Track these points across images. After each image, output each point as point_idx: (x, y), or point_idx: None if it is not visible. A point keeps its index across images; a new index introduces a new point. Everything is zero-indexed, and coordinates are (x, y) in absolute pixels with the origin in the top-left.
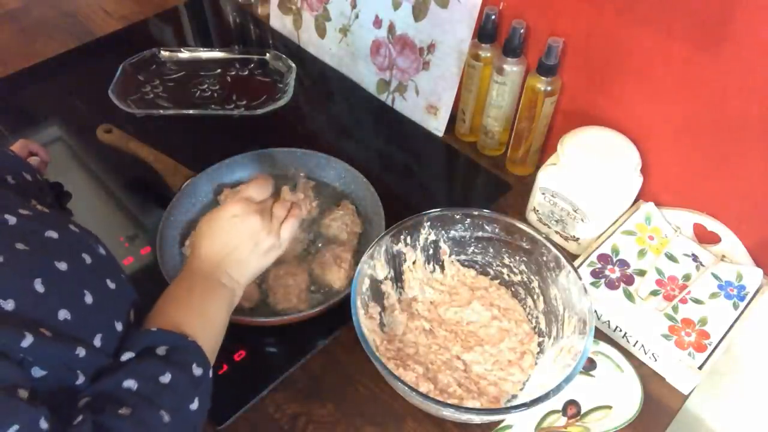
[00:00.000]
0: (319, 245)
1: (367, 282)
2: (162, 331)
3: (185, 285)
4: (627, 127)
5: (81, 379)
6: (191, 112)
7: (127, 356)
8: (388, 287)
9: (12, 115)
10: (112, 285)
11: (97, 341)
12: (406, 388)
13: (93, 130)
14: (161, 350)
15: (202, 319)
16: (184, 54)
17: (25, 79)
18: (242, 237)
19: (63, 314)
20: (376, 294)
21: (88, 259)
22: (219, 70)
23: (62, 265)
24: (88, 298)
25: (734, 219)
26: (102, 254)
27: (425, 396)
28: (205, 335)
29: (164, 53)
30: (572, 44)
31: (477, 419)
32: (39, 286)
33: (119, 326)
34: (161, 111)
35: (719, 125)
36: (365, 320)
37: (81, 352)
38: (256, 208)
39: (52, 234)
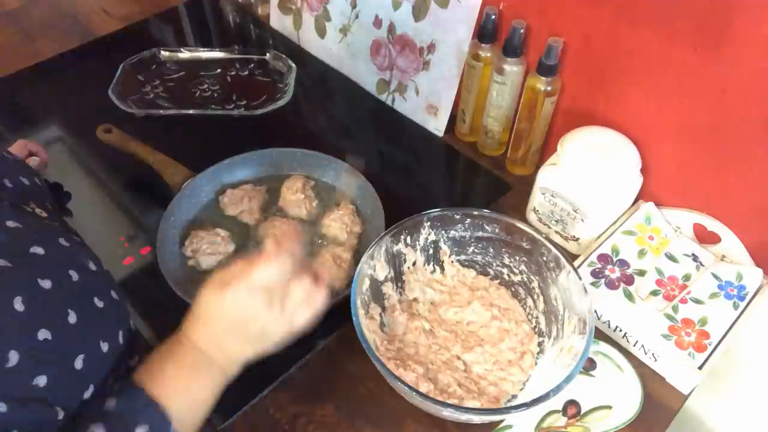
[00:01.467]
0: (319, 245)
1: (367, 282)
2: (152, 408)
3: (184, 357)
4: (627, 127)
5: (61, 415)
6: (191, 112)
7: (109, 405)
8: (388, 289)
9: (12, 115)
10: (100, 303)
11: (78, 363)
12: (406, 388)
13: (93, 130)
14: (141, 430)
15: (191, 404)
16: (184, 54)
17: (25, 79)
18: (255, 324)
19: (43, 334)
20: (377, 294)
21: (75, 276)
22: (219, 70)
23: (46, 283)
24: (72, 318)
25: (734, 219)
26: (92, 270)
27: (425, 396)
28: (188, 421)
29: (164, 53)
30: (572, 44)
31: (477, 419)
32: (19, 305)
33: (105, 347)
34: (161, 111)
35: (719, 125)
36: (365, 320)
37: (41, 381)
38: (279, 293)
39: (38, 249)
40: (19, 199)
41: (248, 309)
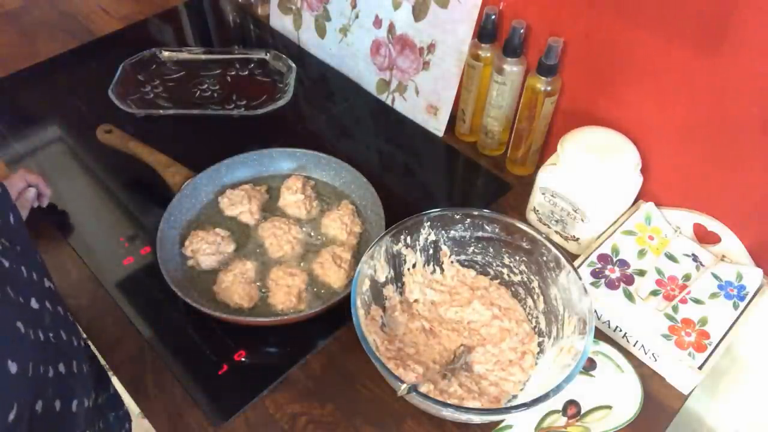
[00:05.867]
0: (319, 245)
1: (367, 282)
2: None
3: None
4: (627, 127)
5: None
6: (191, 112)
7: None
8: (389, 291)
9: (12, 115)
10: None
11: None
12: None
13: (93, 130)
14: None
15: None
16: (184, 54)
17: (25, 79)
18: None
19: None
20: (377, 295)
21: None
22: (219, 70)
23: None
24: None
25: (734, 219)
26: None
27: (425, 396)
28: None
29: (164, 53)
30: (572, 44)
31: (477, 419)
32: None
33: None
34: (161, 111)
35: (719, 125)
36: (365, 320)
37: None
38: None
39: None
40: None
41: None
